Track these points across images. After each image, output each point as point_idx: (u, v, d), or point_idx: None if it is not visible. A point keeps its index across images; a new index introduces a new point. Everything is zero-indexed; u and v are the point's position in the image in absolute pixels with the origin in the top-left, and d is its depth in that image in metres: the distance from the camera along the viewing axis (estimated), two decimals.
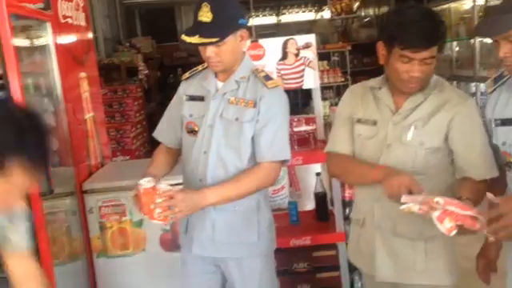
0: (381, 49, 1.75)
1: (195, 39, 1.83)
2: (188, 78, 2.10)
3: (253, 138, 1.93)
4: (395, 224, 1.79)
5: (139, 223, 2.83)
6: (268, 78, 1.96)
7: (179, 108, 2.07)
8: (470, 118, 1.74)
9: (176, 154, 2.12)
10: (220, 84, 1.98)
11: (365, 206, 1.88)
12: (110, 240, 2.83)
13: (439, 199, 1.47)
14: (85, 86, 3.25)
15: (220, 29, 1.83)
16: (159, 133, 2.15)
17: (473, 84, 6.33)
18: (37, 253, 2.16)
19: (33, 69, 2.80)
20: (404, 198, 1.54)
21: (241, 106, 1.93)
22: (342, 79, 7.33)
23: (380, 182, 1.66)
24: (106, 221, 2.82)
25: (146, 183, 1.77)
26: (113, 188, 2.83)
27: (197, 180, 1.97)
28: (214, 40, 1.82)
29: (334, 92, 7.57)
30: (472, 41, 6.14)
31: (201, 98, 2.01)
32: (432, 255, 1.78)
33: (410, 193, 1.56)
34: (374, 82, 1.89)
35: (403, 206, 1.53)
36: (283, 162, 1.98)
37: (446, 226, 1.46)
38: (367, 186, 1.83)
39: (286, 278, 2.86)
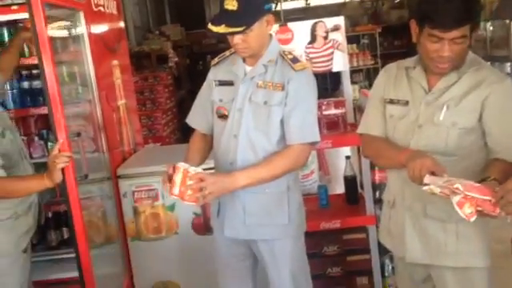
0: (413, 27, 1.74)
1: (222, 28, 1.84)
2: (217, 63, 2.12)
3: (282, 121, 1.95)
4: (425, 205, 1.78)
5: (172, 207, 2.89)
6: (295, 60, 1.97)
7: (209, 93, 2.09)
8: (505, 98, 1.71)
9: (210, 140, 2.15)
10: (248, 68, 2.00)
11: (395, 187, 1.88)
12: (143, 224, 2.90)
13: (459, 185, 1.46)
14: (117, 74, 3.31)
15: (246, 17, 1.84)
16: (192, 119, 2.18)
17: (508, 64, 6.17)
18: (73, 236, 2.24)
19: (67, 58, 2.86)
20: (427, 179, 1.55)
21: (269, 90, 1.95)
22: (372, 62, 7.25)
23: (405, 165, 1.66)
24: (139, 205, 2.89)
25: (179, 165, 1.82)
26: (146, 173, 2.89)
27: (227, 164, 2.00)
28: (240, 29, 1.84)
29: (363, 75, 7.49)
30: (507, 20, 5.97)
31: (230, 83, 2.03)
32: (463, 237, 1.77)
33: (434, 174, 1.55)
34: (408, 61, 1.88)
35: (425, 188, 1.54)
36: (313, 144, 1.99)
37: (466, 212, 1.46)
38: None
39: (316, 260, 2.87)
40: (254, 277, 2.19)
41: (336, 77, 3.63)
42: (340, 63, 3.11)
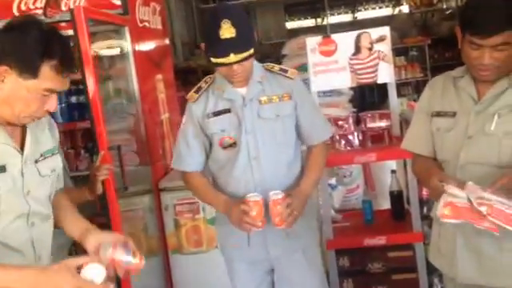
0: (458, 34, 1.69)
1: (233, 58, 1.79)
2: (197, 99, 2.01)
3: (296, 128, 2.01)
4: None
5: (212, 221, 2.87)
6: (284, 70, 2.04)
7: (198, 130, 2.00)
8: None
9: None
10: (241, 91, 1.96)
11: None
12: (184, 237, 2.90)
13: (484, 209, 1.43)
14: (161, 88, 3.36)
15: (245, 41, 1.82)
16: (181, 163, 2.06)
17: None
18: None
19: (113, 73, 2.93)
20: (468, 188, 1.51)
21: (276, 102, 1.96)
22: (421, 75, 7.05)
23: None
24: (180, 218, 2.89)
25: (275, 196, 1.87)
26: None
27: (251, 188, 1.95)
28: (250, 53, 1.82)
29: (412, 88, 7.29)
30: None
31: (227, 111, 1.97)
32: None
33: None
34: (456, 71, 1.81)
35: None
36: None
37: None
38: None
39: (360, 278, 2.79)
40: None
41: (383, 90, 3.55)
42: (386, 74, 3.02)
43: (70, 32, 2.48)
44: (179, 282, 2.96)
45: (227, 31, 1.79)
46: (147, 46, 3.19)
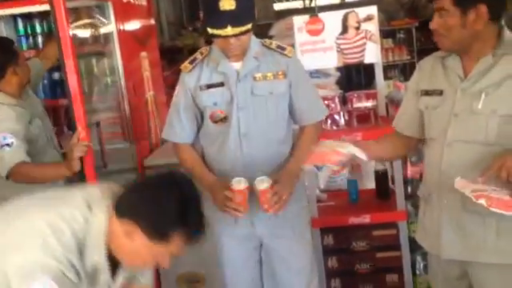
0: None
1: (230, 30, 1.77)
2: (191, 69, 1.98)
3: (289, 107, 1.99)
4: (465, 198, 1.68)
5: None
6: (282, 47, 2.00)
7: (189, 101, 1.98)
8: None
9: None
10: (236, 65, 1.93)
11: (432, 181, 1.79)
12: None
13: (483, 201, 1.41)
14: (145, 66, 3.31)
15: (245, 15, 1.80)
16: (172, 134, 2.04)
17: None
18: None
19: (95, 49, 2.88)
20: (457, 183, 1.52)
21: (270, 80, 1.93)
22: (408, 57, 7.07)
23: None
24: None
25: (261, 185, 1.85)
26: (172, 164, 2.85)
27: (240, 165, 1.94)
28: (248, 27, 1.79)
29: (399, 71, 7.32)
30: None
31: (220, 84, 1.94)
32: (504, 233, 1.66)
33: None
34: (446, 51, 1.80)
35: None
36: None
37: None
38: (434, 159, 1.75)
39: (345, 256, 2.80)
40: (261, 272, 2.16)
41: (370, 72, 3.55)
42: (372, 55, 3.01)
43: (47, 7, 2.43)
44: None
45: (227, 3, 1.77)
46: (131, 22, 3.14)
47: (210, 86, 1.94)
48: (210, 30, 1.80)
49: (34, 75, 2.47)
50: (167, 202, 1.26)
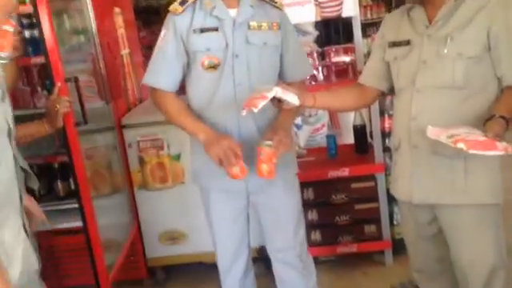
0: None
1: None
2: (182, 11, 1.86)
3: (280, 59, 1.96)
4: (433, 142, 1.71)
5: (177, 157, 2.86)
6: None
7: (181, 45, 1.87)
8: (511, 20, 1.63)
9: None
10: (232, 11, 1.86)
11: (401, 128, 1.82)
12: (149, 173, 2.87)
13: (463, 145, 1.41)
14: (120, 23, 3.23)
15: None
16: (156, 79, 1.89)
17: None
18: (76, 186, 2.22)
19: (66, 5, 2.79)
20: (429, 132, 1.53)
21: (265, 30, 1.89)
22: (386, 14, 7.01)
23: None
24: (144, 155, 2.86)
25: (267, 148, 1.77)
26: (150, 123, 2.84)
27: (234, 117, 1.87)
28: None
29: (377, 28, 7.27)
30: None
31: (214, 29, 1.85)
32: (472, 174, 1.70)
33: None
34: (409, 2, 1.84)
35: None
36: None
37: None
38: (404, 107, 1.77)
39: (324, 209, 2.85)
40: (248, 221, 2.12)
41: (349, 30, 3.51)
42: (350, 8, 2.98)
43: None
44: (146, 218, 2.96)
45: None
46: None
47: (203, 31, 1.84)
48: None
49: None
50: None
